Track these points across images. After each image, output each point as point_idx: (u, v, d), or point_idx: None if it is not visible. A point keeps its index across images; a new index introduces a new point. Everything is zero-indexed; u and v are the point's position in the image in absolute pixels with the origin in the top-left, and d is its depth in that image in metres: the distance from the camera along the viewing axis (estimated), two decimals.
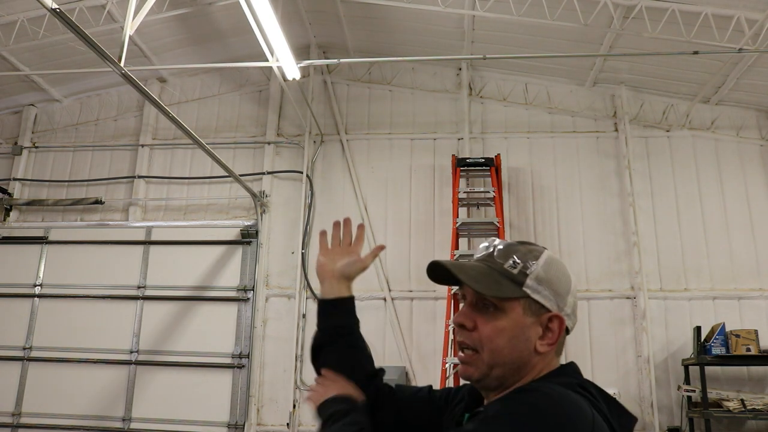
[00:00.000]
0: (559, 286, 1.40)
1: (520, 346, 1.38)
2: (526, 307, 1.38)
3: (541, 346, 1.39)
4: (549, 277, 1.39)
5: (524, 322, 1.38)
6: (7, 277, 9.38)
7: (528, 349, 1.38)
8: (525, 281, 1.38)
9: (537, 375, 1.38)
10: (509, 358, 1.38)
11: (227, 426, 8.54)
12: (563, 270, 1.43)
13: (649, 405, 8.06)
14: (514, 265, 1.39)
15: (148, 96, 6.27)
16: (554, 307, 1.39)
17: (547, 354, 1.40)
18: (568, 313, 1.41)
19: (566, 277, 1.43)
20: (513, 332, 1.38)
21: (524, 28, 8.22)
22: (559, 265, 1.43)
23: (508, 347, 1.37)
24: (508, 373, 1.38)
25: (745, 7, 6.95)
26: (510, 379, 1.39)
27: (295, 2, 8.79)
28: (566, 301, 1.41)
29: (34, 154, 10.15)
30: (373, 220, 9.16)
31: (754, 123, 9.06)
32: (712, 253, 8.58)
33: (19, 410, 8.83)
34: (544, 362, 1.40)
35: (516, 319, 1.38)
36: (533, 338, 1.38)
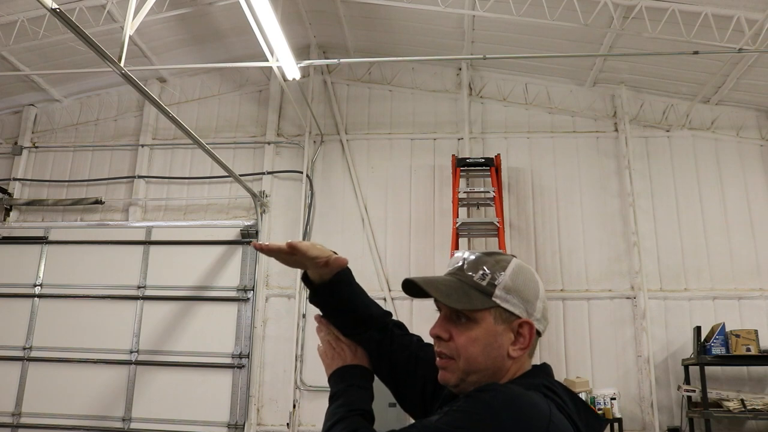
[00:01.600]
0: (527, 293, 1.47)
1: (494, 353, 1.44)
2: (496, 316, 1.44)
3: (514, 351, 1.45)
4: (517, 286, 1.46)
5: (496, 330, 1.44)
6: (7, 277, 9.38)
7: (501, 355, 1.44)
8: (494, 291, 1.44)
9: (511, 378, 1.45)
10: (483, 365, 1.45)
11: (227, 426, 8.54)
12: (531, 277, 1.49)
13: (649, 405, 8.06)
14: (483, 276, 1.45)
15: (148, 96, 6.27)
16: (524, 313, 1.45)
17: (520, 358, 1.46)
18: (537, 317, 1.47)
19: (534, 283, 1.49)
20: (486, 340, 1.44)
21: (524, 28, 8.22)
22: (527, 272, 1.49)
23: (482, 355, 1.44)
24: (483, 379, 1.45)
25: (745, 7, 6.95)
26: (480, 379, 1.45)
27: (295, 2, 8.79)
28: (535, 306, 1.47)
29: (34, 154, 10.15)
30: (373, 220, 9.16)
31: (754, 123, 9.05)
32: (712, 253, 8.58)
33: (19, 410, 8.83)
34: (518, 365, 1.46)
35: (488, 328, 1.44)
36: (506, 344, 1.45)
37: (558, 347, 8.43)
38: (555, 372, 5.73)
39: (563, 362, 8.35)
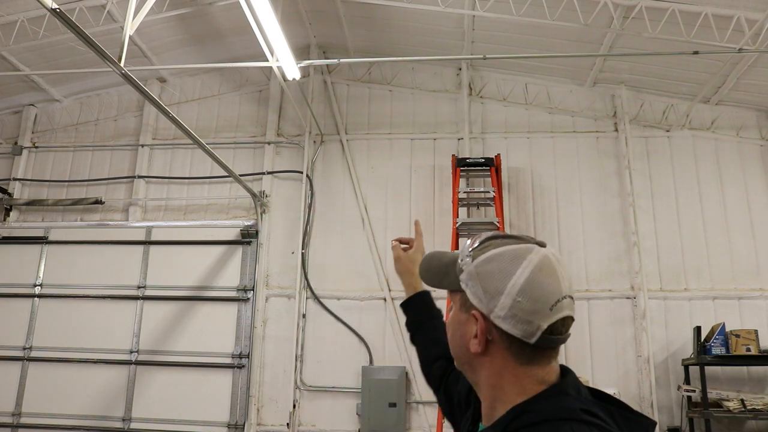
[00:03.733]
0: (490, 283, 1.23)
1: (459, 341, 1.30)
2: (462, 302, 1.30)
3: (472, 345, 1.25)
4: (481, 272, 1.25)
5: (460, 318, 1.30)
6: (7, 277, 9.38)
7: (465, 345, 1.28)
8: (460, 275, 1.30)
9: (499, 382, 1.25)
10: (456, 352, 1.34)
11: (227, 426, 8.54)
12: (504, 266, 1.23)
13: (649, 405, 8.05)
14: (465, 256, 1.30)
15: (148, 96, 6.27)
16: (482, 307, 1.24)
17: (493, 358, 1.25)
18: (501, 315, 1.21)
19: (503, 273, 1.22)
20: (453, 326, 1.33)
21: (524, 28, 8.22)
22: (503, 260, 1.24)
23: (452, 341, 1.34)
24: (467, 369, 1.32)
25: (745, 7, 6.95)
26: (471, 375, 1.32)
27: (295, 2, 8.79)
28: (497, 301, 1.22)
29: (34, 154, 10.15)
30: (373, 220, 9.16)
31: (754, 123, 9.05)
32: (712, 253, 8.58)
33: (19, 410, 8.83)
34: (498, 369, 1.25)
35: (455, 313, 1.32)
36: (468, 336, 1.27)
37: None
38: None
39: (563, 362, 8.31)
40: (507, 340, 1.23)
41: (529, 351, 1.23)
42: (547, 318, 1.22)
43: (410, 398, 8.43)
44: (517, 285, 1.21)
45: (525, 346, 1.23)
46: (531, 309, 1.21)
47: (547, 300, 1.22)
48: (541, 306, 1.21)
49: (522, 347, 1.23)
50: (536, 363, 1.25)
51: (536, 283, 1.21)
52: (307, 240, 9.17)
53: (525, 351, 1.23)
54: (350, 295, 8.87)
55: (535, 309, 1.21)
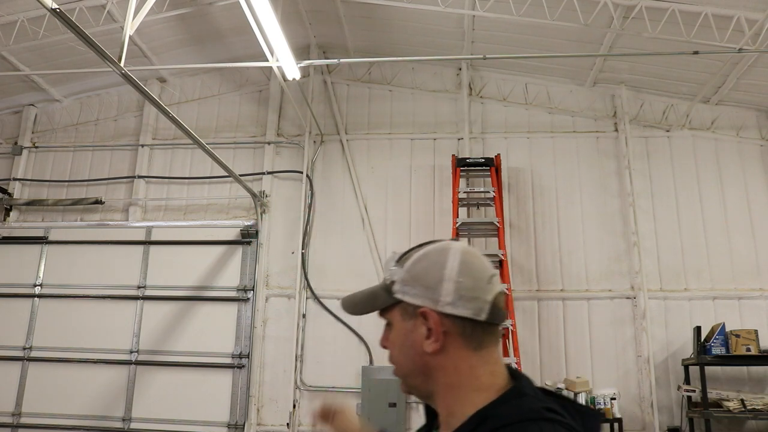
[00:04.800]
0: (427, 278, 1.29)
1: (410, 352, 1.32)
2: (403, 312, 1.33)
3: (428, 345, 1.28)
4: (414, 274, 1.31)
5: (406, 328, 1.32)
6: (7, 277, 9.38)
7: (418, 353, 1.30)
8: (393, 287, 1.33)
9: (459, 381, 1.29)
10: (407, 367, 1.34)
11: (227, 426, 8.54)
12: (435, 259, 1.31)
13: (649, 405, 8.06)
14: (388, 273, 1.36)
15: (148, 96, 6.27)
16: (428, 302, 1.28)
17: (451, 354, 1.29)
18: (449, 301, 1.27)
19: (437, 265, 1.29)
20: (400, 340, 1.34)
21: (524, 28, 8.22)
22: (430, 257, 1.32)
23: (401, 356, 1.34)
24: (420, 382, 1.34)
25: (745, 7, 6.95)
26: (426, 386, 1.34)
27: (295, 2, 8.79)
28: (441, 290, 1.27)
29: (34, 154, 10.15)
30: (373, 220, 9.16)
31: (754, 123, 9.05)
32: (712, 253, 8.58)
33: (19, 410, 8.83)
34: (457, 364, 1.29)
35: (398, 326, 1.34)
36: (419, 341, 1.30)
37: (558, 347, 8.43)
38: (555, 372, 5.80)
39: (563, 362, 8.36)
40: (460, 324, 1.27)
41: (480, 331, 1.28)
42: (488, 291, 1.29)
43: (410, 398, 8.42)
44: (454, 269, 1.28)
45: (476, 325, 1.28)
46: (473, 285, 1.28)
47: (483, 275, 1.31)
48: (480, 281, 1.29)
49: (474, 328, 1.28)
50: (486, 346, 1.30)
51: (469, 263, 1.30)
52: (307, 240, 9.17)
53: (477, 332, 1.28)
54: None
55: (477, 285, 1.29)
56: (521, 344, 7.80)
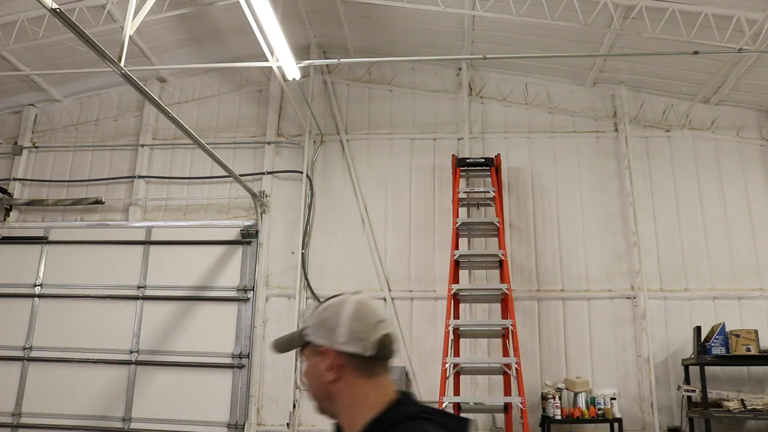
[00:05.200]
0: (328, 323, 1.67)
1: (317, 380, 1.69)
2: (312, 350, 1.70)
3: (327, 376, 1.65)
4: (319, 321, 1.70)
5: (314, 362, 1.70)
6: (7, 277, 9.38)
7: (323, 382, 1.67)
8: (305, 331, 1.72)
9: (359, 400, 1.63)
10: (317, 393, 1.71)
11: (227, 426, 8.54)
12: (335, 310, 1.69)
13: (649, 405, 8.06)
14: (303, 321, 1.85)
15: (148, 96, 6.27)
16: (328, 342, 1.65)
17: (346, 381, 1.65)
18: (343, 341, 1.63)
19: (335, 315, 1.67)
20: (311, 372, 1.71)
21: (524, 28, 8.22)
22: (331, 308, 1.70)
23: (313, 385, 1.72)
24: (327, 405, 1.71)
25: (745, 7, 6.95)
26: (331, 407, 1.69)
27: (295, 2, 8.79)
28: (337, 332, 1.64)
29: (34, 154, 10.15)
30: (373, 220, 9.16)
31: (754, 123, 9.06)
32: (712, 253, 8.58)
33: (19, 410, 8.83)
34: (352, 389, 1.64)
35: (310, 362, 1.72)
36: (323, 371, 1.66)
37: (558, 347, 8.43)
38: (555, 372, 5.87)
39: (563, 362, 8.36)
40: (352, 360, 1.64)
41: (369, 364, 1.64)
42: (375, 332, 1.65)
43: None
44: (347, 316, 1.66)
45: (365, 359, 1.64)
46: (361, 329, 1.65)
47: (370, 320, 1.67)
48: (368, 325, 1.66)
49: (364, 361, 1.64)
50: (377, 375, 1.66)
51: (359, 311, 1.67)
52: (307, 240, 9.17)
53: (366, 364, 1.64)
54: None
55: (364, 328, 1.65)
56: (521, 344, 7.80)
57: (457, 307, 7.91)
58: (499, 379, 7.92)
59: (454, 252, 7.91)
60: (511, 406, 7.23)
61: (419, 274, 8.87)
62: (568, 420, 7.75)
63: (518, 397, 6.89)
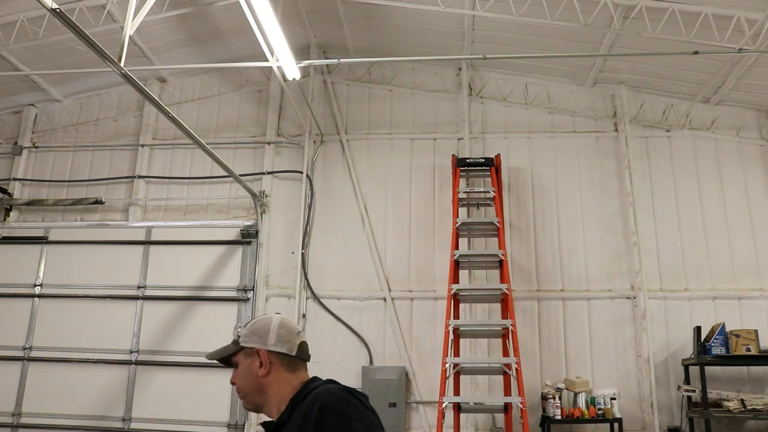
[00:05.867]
0: (259, 332, 2.12)
1: (249, 378, 2.10)
2: (245, 354, 2.12)
3: (260, 371, 2.08)
4: (250, 331, 2.14)
5: (246, 363, 2.12)
6: (7, 277, 9.38)
7: (256, 377, 2.09)
8: (238, 339, 2.14)
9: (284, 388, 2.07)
10: (248, 388, 2.11)
11: (227, 426, 8.54)
12: (264, 322, 2.15)
13: (649, 405, 8.06)
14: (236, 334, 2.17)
15: (148, 96, 6.27)
16: (260, 344, 2.10)
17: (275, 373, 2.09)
18: (273, 343, 2.10)
19: (265, 325, 2.14)
20: (243, 373, 2.12)
21: (524, 28, 8.22)
22: (260, 321, 2.16)
23: (244, 383, 2.12)
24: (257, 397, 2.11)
25: (745, 7, 6.95)
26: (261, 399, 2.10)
27: (295, 2, 8.79)
28: (268, 337, 2.11)
29: (34, 154, 10.15)
30: (373, 220, 9.16)
31: (754, 123, 9.06)
32: (712, 253, 8.58)
33: (19, 410, 8.83)
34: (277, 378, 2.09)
35: (242, 364, 2.13)
36: (255, 369, 2.09)
37: (558, 347, 8.43)
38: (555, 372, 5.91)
39: (563, 362, 8.36)
40: (279, 357, 2.10)
41: (292, 361, 2.12)
42: (297, 338, 2.17)
43: (410, 398, 8.43)
44: (276, 325, 2.14)
45: (290, 358, 2.12)
46: (287, 334, 2.15)
47: (293, 329, 2.19)
48: (292, 332, 2.17)
49: (288, 359, 2.11)
50: (297, 370, 2.14)
51: (284, 322, 2.17)
52: (307, 240, 9.17)
53: (290, 361, 2.12)
54: (350, 295, 8.87)
55: (289, 334, 2.15)
56: (521, 344, 7.80)
57: (457, 307, 7.91)
58: (499, 379, 7.92)
59: (454, 252, 7.91)
60: (511, 406, 7.23)
61: (419, 274, 8.87)
62: (568, 420, 7.75)
63: (518, 397, 6.89)
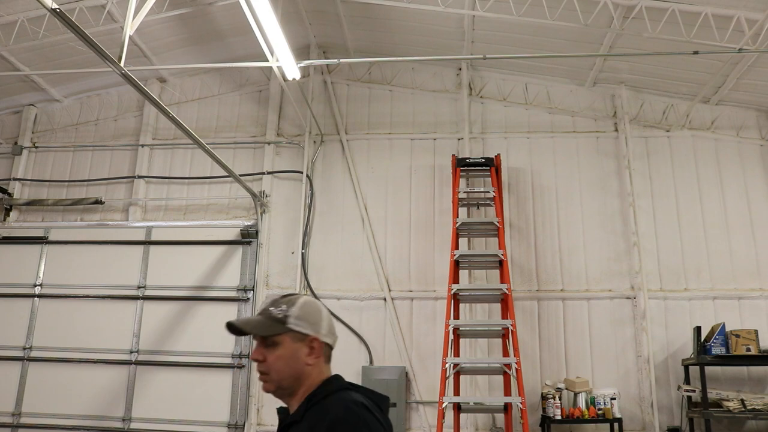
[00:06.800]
0: (312, 318, 2.03)
1: (294, 364, 1.99)
2: (293, 337, 2.00)
3: (309, 359, 2.00)
4: (303, 314, 2.02)
5: (294, 347, 2.00)
6: (7, 277, 9.38)
7: (300, 365, 2.00)
8: (287, 321, 2.00)
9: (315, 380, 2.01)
10: (287, 373, 1.99)
11: (227, 426, 8.54)
12: (315, 307, 2.07)
13: (649, 405, 8.06)
14: (279, 311, 2.02)
15: (148, 96, 6.27)
16: (313, 332, 2.01)
17: (317, 364, 2.02)
18: (324, 333, 2.04)
19: (317, 311, 2.06)
20: (287, 356, 1.99)
21: (524, 28, 8.22)
22: (312, 304, 2.07)
23: (285, 367, 1.99)
24: (292, 383, 1.99)
25: (745, 7, 6.95)
26: (295, 385, 2.00)
27: (295, 2, 8.80)
28: (321, 327, 2.04)
29: (34, 154, 10.15)
30: (373, 220, 9.16)
31: (754, 123, 9.06)
32: (712, 253, 8.58)
33: (19, 410, 8.83)
34: (317, 369, 2.02)
35: (288, 346, 2.00)
36: (303, 357, 2.00)
37: (558, 347, 8.43)
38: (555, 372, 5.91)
39: (563, 362, 8.36)
40: (325, 348, 2.06)
41: (330, 352, 2.09)
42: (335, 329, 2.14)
43: (410, 398, 8.43)
44: (325, 314, 2.09)
45: (330, 348, 2.09)
46: (331, 327, 2.10)
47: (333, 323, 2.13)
48: (332, 323, 2.12)
49: (329, 350, 2.08)
50: (329, 361, 2.09)
51: (327, 312, 2.11)
52: (307, 240, 9.17)
53: (329, 352, 2.08)
54: (350, 295, 8.87)
55: (332, 327, 2.11)
56: (521, 344, 7.80)
57: (457, 307, 7.91)
58: (499, 379, 7.92)
59: (454, 252, 7.91)
60: (511, 406, 7.23)
61: (419, 274, 8.87)
62: (568, 420, 7.75)
63: (518, 397, 6.89)
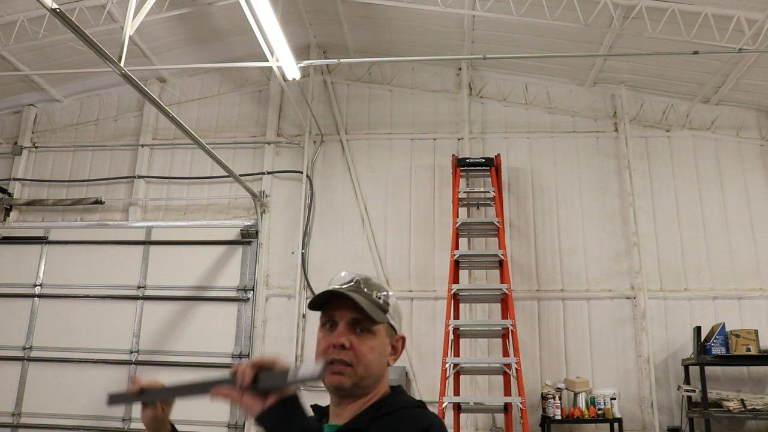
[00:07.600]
0: (400, 313, 1.80)
1: (383, 361, 1.71)
2: (386, 330, 1.73)
3: (391, 360, 1.75)
4: (396, 306, 1.78)
5: (384, 342, 1.72)
6: (7, 277, 9.38)
7: (385, 363, 1.73)
8: (388, 309, 1.73)
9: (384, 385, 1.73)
10: (375, 370, 1.69)
11: (227, 426, 8.54)
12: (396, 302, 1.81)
13: (649, 405, 8.06)
14: (379, 296, 1.73)
15: (148, 96, 6.27)
16: (399, 329, 1.77)
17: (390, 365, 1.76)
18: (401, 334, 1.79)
19: (400, 308, 1.81)
20: (380, 350, 1.70)
21: (524, 28, 8.22)
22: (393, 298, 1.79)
23: (376, 362, 1.69)
24: (372, 382, 1.69)
25: (745, 7, 6.95)
26: (372, 385, 1.69)
27: (295, 2, 8.79)
28: (400, 326, 1.78)
29: (34, 154, 10.15)
30: (373, 220, 9.16)
31: (754, 123, 9.06)
32: (712, 253, 8.58)
33: (19, 410, 8.83)
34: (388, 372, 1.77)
35: (381, 340, 1.71)
36: (387, 355, 1.73)
37: (558, 347, 8.43)
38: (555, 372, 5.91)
39: (563, 362, 8.36)
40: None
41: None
42: None
43: None
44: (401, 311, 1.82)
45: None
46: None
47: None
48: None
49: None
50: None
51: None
52: (307, 240, 9.17)
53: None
54: None
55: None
56: (521, 344, 7.79)
57: (457, 307, 7.91)
58: (499, 379, 7.92)
59: (454, 252, 7.91)
60: (511, 406, 7.23)
61: (419, 274, 8.87)
62: (568, 420, 7.75)
63: (518, 397, 6.89)
